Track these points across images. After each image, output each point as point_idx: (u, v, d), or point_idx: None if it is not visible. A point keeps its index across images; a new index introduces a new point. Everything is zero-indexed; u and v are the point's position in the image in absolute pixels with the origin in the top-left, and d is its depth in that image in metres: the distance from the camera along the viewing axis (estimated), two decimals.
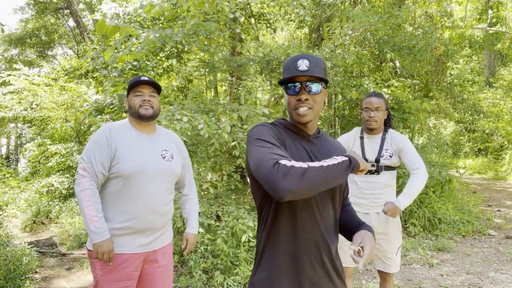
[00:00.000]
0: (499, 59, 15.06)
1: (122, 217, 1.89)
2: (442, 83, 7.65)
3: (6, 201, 7.10)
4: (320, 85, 1.32)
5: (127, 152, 1.90)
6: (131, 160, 1.88)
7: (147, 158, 1.93)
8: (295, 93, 1.32)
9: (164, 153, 2.01)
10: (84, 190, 1.84)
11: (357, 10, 5.31)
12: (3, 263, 3.49)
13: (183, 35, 3.81)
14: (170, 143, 2.09)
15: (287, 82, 1.34)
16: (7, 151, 17.95)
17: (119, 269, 1.89)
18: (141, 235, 1.93)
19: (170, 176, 2.02)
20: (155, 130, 2.08)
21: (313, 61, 1.33)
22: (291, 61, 1.36)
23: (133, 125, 2.01)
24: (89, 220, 1.81)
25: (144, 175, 1.90)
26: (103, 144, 1.89)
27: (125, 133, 1.97)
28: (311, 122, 1.36)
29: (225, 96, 7.03)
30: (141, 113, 1.95)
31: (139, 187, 1.89)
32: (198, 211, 2.27)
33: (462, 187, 7.16)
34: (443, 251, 4.80)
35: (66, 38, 16.11)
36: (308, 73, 1.30)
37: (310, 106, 1.32)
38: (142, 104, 1.96)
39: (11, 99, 7.93)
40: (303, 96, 1.31)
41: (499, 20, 10.29)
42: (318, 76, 1.30)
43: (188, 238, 2.19)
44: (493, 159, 13.23)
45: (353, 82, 5.95)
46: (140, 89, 1.99)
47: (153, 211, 1.93)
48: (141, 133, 2.00)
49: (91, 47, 8.42)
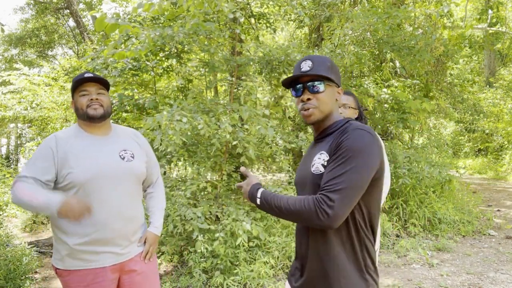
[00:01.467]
0: (499, 59, 15.06)
1: (86, 230, 1.69)
2: (442, 83, 7.65)
3: (6, 201, 7.10)
4: (323, 83, 1.30)
5: (78, 159, 1.71)
6: (84, 167, 1.70)
7: (103, 162, 1.74)
8: (299, 94, 1.34)
9: (122, 153, 1.82)
10: (16, 190, 1.64)
11: (356, 10, 5.31)
12: (3, 263, 3.49)
13: (184, 35, 3.81)
14: (129, 141, 1.90)
15: (293, 84, 1.36)
16: (7, 151, 17.95)
17: (94, 284, 1.72)
18: (111, 245, 1.75)
19: (132, 177, 1.83)
20: (110, 130, 1.88)
21: (317, 61, 1.32)
22: (296, 64, 1.37)
23: (84, 129, 1.82)
24: (34, 203, 1.57)
25: (102, 181, 1.72)
26: (48, 157, 1.69)
27: (75, 139, 1.77)
28: (321, 122, 1.34)
29: (225, 96, 7.03)
30: (90, 114, 1.76)
31: (98, 195, 1.70)
32: (164, 211, 2.08)
33: (462, 187, 7.16)
34: (443, 251, 4.80)
35: (66, 38, 16.11)
36: (309, 73, 1.29)
37: (314, 105, 1.30)
38: (89, 103, 1.76)
39: (11, 99, 7.93)
40: (305, 96, 1.31)
41: (499, 20, 10.29)
42: (319, 74, 1.28)
43: (147, 238, 1.93)
44: (493, 159, 13.22)
45: (353, 82, 5.95)
46: (85, 87, 1.78)
47: (120, 217, 1.76)
48: (93, 136, 1.81)
49: (91, 47, 8.42)
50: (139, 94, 5.43)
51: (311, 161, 1.31)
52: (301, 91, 1.33)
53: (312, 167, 1.29)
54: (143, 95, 5.43)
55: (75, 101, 1.81)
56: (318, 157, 1.28)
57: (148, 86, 5.80)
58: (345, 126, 1.27)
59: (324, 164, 1.24)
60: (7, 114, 7.67)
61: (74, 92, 1.81)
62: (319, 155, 1.28)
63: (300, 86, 1.33)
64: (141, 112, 5.18)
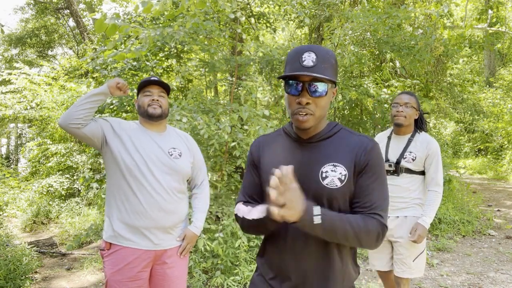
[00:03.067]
0: (499, 59, 15.06)
1: (126, 214, 1.88)
2: (442, 83, 7.66)
3: (6, 201, 7.10)
4: (326, 85, 1.13)
5: (132, 143, 1.92)
6: (133, 149, 1.90)
7: (150, 151, 1.93)
8: (296, 94, 1.14)
9: (171, 150, 2.00)
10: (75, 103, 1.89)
11: (356, 10, 5.31)
12: (3, 263, 3.49)
13: (184, 34, 3.80)
14: (179, 142, 2.09)
15: (288, 78, 1.15)
16: (7, 151, 17.95)
17: (127, 269, 1.87)
18: (148, 233, 1.89)
19: (176, 174, 1.98)
20: (165, 129, 2.09)
21: (322, 55, 1.12)
22: (295, 53, 1.14)
23: (143, 125, 2.04)
24: (90, 93, 1.87)
25: (146, 169, 1.89)
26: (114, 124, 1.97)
27: (134, 129, 1.99)
28: (312, 127, 1.19)
29: (225, 96, 7.03)
30: (149, 112, 1.97)
31: (141, 181, 1.88)
32: (206, 213, 2.19)
33: (462, 187, 7.16)
34: (443, 251, 4.80)
35: (66, 38, 16.10)
36: (314, 72, 1.10)
37: (311, 112, 1.14)
38: (150, 103, 1.98)
39: (12, 98, 7.93)
40: (304, 99, 1.12)
41: (499, 20, 10.29)
42: (326, 77, 1.10)
43: (186, 235, 2.05)
44: (493, 159, 13.22)
45: (353, 82, 5.95)
46: (149, 89, 2.02)
47: (158, 208, 1.90)
48: (149, 131, 2.02)
49: (91, 47, 8.42)
50: None
51: (314, 170, 1.17)
52: (299, 90, 1.13)
53: (323, 180, 1.15)
54: None
55: (138, 100, 2.04)
56: (331, 169, 1.16)
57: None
58: (348, 134, 1.23)
59: (342, 179, 1.15)
60: (7, 113, 7.67)
61: (139, 92, 2.05)
62: (331, 166, 1.16)
63: (301, 84, 1.13)
64: None
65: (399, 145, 2.48)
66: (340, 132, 1.23)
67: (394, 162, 2.44)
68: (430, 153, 2.39)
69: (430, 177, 2.39)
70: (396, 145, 2.49)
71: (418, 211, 2.43)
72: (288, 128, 1.28)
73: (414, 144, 2.44)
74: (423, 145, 2.41)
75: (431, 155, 2.39)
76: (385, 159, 2.48)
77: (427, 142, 2.41)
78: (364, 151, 1.17)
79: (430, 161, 2.39)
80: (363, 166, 1.16)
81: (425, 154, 2.39)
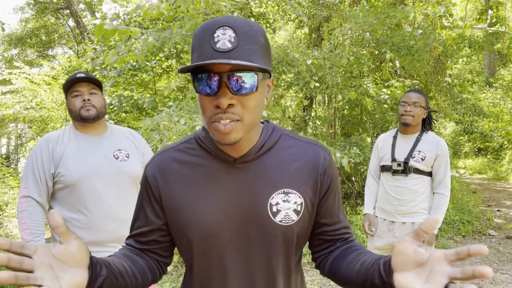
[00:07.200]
0: (499, 59, 15.06)
1: (79, 232, 1.65)
2: (442, 84, 7.66)
3: (6, 201, 7.11)
4: (256, 76, 0.73)
5: (72, 159, 1.71)
6: (75, 167, 1.69)
7: (94, 161, 1.73)
8: (212, 93, 0.73)
9: (117, 153, 1.80)
10: (21, 212, 1.69)
11: (355, 9, 5.31)
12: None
13: (182, 36, 3.81)
14: (125, 141, 1.88)
15: (197, 70, 0.74)
16: (7, 151, 17.97)
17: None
18: (104, 248, 1.68)
19: (126, 178, 1.79)
20: (105, 130, 1.86)
21: (244, 32, 0.73)
22: (203, 31, 0.74)
23: (78, 129, 1.81)
24: (22, 233, 1.66)
25: (94, 181, 1.70)
26: (45, 157, 1.71)
27: (69, 139, 1.77)
28: (242, 140, 0.79)
29: None
30: (83, 116, 1.74)
31: (90, 195, 1.69)
32: None
33: (462, 187, 7.16)
34: None
35: (66, 38, 16.12)
36: (234, 57, 0.71)
37: (238, 117, 0.74)
38: (82, 105, 1.74)
39: (12, 98, 7.94)
40: (224, 100, 0.72)
41: (499, 20, 10.29)
42: (254, 64, 0.71)
43: None
44: (493, 159, 13.23)
45: (352, 82, 5.95)
46: (77, 88, 1.76)
47: (113, 219, 1.71)
48: (88, 136, 1.80)
49: (91, 47, 8.43)
50: (139, 94, 5.44)
51: (259, 203, 0.82)
52: (216, 88, 0.73)
53: (274, 216, 0.82)
54: (142, 95, 5.44)
55: (68, 102, 1.80)
56: (282, 199, 0.82)
57: (147, 86, 5.81)
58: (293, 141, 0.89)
59: (299, 210, 0.83)
60: (7, 113, 7.68)
61: (67, 93, 1.80)
62: (282, 195, 0.83)
63: (215, 79, 0.72)
64: (140, 112, 5.19)
65: (406, 145, 2.40)
66: (281, 140, 0.87)
67: (402, 161, 2.36)
68: (440, 154, 2.32)
69: (439, 179, 2.33)
70: (403, 144, 2.42)
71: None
72: (207, 142, 0.85)
73: (422, 143, 2.36)
74: (432, 145, 2.34)
75: (440, 155, 2.32)
76: (392, 159, 2.42)
77: (436, 142, 2.34)
78: (323, 167, 0.86)
79: (440, 162, 2.33)
80: (326, 188, 0.87)
81: (435, 154, 2.33)
